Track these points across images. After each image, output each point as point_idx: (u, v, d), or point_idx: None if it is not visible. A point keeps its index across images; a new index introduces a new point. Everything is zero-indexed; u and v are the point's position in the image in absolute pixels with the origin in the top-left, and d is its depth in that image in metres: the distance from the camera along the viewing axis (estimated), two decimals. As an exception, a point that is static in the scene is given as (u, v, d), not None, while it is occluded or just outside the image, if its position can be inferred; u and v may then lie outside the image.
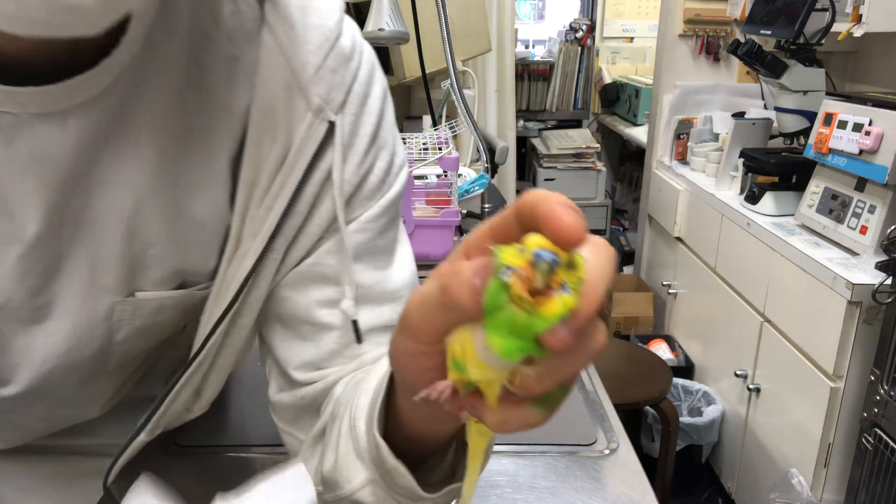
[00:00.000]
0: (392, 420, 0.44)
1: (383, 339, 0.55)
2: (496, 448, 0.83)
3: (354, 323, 0.53)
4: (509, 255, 0.28)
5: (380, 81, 0.54)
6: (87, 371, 0.52)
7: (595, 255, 0.28)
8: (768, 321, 2.01)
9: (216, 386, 0.57)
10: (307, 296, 0.53)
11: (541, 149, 3.85)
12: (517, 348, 0.27)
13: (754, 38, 2.20)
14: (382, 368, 0.48)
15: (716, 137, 2.69)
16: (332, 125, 0.49)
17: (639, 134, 3.45)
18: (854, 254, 1.75)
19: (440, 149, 1.43)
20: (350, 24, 0.52)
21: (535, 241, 0.27)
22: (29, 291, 0.45)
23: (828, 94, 2.05)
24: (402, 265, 0.57)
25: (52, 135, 0.41)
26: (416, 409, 0.40)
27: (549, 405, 0.31)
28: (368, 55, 0.53)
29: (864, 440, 1.60)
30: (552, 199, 0.28)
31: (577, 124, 4.19)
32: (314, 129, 0.49)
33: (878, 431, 1.55)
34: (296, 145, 0.49)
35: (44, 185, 0.42)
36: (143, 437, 0.56)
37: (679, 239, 2.70)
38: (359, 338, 0.54)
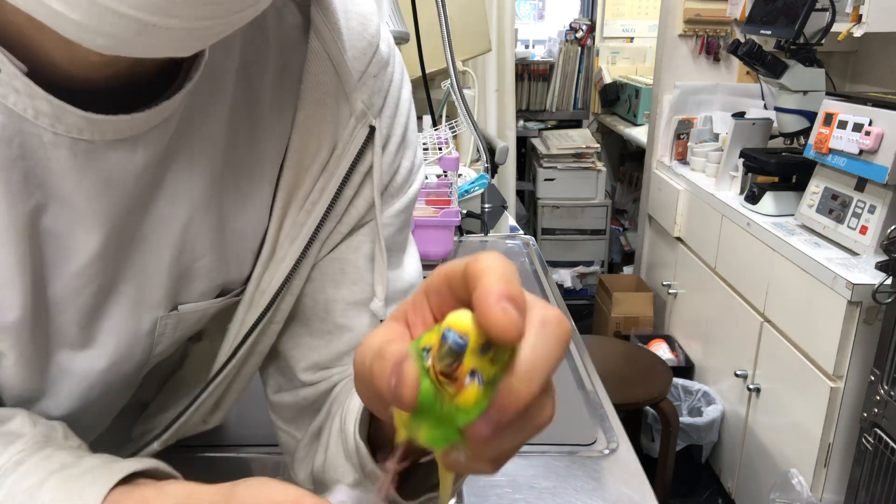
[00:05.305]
0: (378, 423, 0.44)
1: None
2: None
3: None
4: (430, 336, 0.28)
5: (408, 84, 0.55)
6: (125, 385, 0.52)
7: (538, 337, 0.27)
8: (768, 321, 2.01)
9: (235, 396, 0.57)
10: (324, 293, 0.53)
11: (541, 149, 3.85)
12: (443, 438, 0.28)
13: (754, 38, 2.20)
14: None
15: (716, 137, 2.69)
16: (372, 129, 0.50)
17: (639, 134, 3.45)
18: (854, 254, 1.75)
19: (440, 149, 1.43)
20: (384, 27, 0.53)
21: (453, 321, 0.27)
22: (80, 309, 0.45)
23: (828, 94, 2.05)
24: (411, 263, 0.58)
25: (123, 160, 0.41)
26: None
27: (497, 462, 0.30)
28: (399, 57, 0.54)
29: (864, 440, 1.60)
30: (490, 286, 0.26)
31: (577, 124, 4.19)
32: (356, 134, 0.49)
33: (878, 431, 1.55)
34: (338, 150, 0.49)
35: (109, 208, 0.42)
36: (155, 447, 0.56)
37: (679, 239, 2.70)
38: None
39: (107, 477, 0.38)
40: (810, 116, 2.07)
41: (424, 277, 0.59)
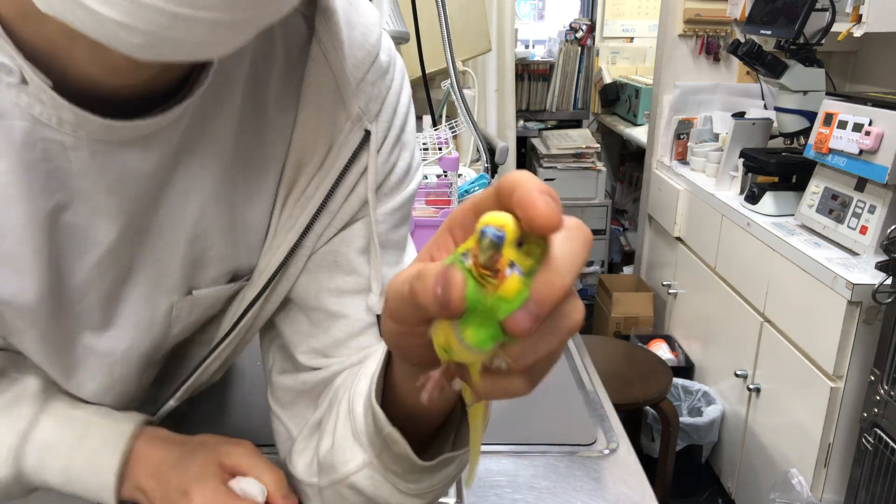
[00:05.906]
0: (391, 396, 0.46)
1: None
2: (496, 448, 0.84)
3: (378, 318, 0.56)
4: (464, 247, 0.30)
5: (407, 89, 0.58)
6: (146, 365, 0.57)
7: (565, 240, 0.29)
8: (768, 321, 2.01)
9: (236, 356, 0.62)
10: (318, 283, 0.56)
11: (541, 149, 3.85)
12: (489, 337, 0.29)
13: (754, 38, 2.20)
14: (380, 351, 0.50)
15: (716, 137, 2.68)
16: (367, 133, 0.53)
17: (639, 134, 3.45)
18: (854, 254, 1.75)
19: (440, 149, 1.43)
20: (386, 37, 0.56)
21: (489, 218, 0.28)
22: (101, 294, 0.50)
23: (828, 94, 2.05)
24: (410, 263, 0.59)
25: (138, 157, 0.45)
26: (412, 380, 0.41)
27: (532, 377, 0.32)
28: (400, 66, 0.57)
29: (864, 440, 1.60)
30: (529, 184, 0.29)
31: (577, 124, 4.19)
32: (352, 137, 0.53)
33: (878, 431, 1.55)
34: (333, 151, 0.53)
35: (126, 202, 0.46)
36: (171, 404, 0.62)
37: (679, 239, 2.70)
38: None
39: (116, 439, 0.53)
40: (810, 116, 2.07)
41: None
